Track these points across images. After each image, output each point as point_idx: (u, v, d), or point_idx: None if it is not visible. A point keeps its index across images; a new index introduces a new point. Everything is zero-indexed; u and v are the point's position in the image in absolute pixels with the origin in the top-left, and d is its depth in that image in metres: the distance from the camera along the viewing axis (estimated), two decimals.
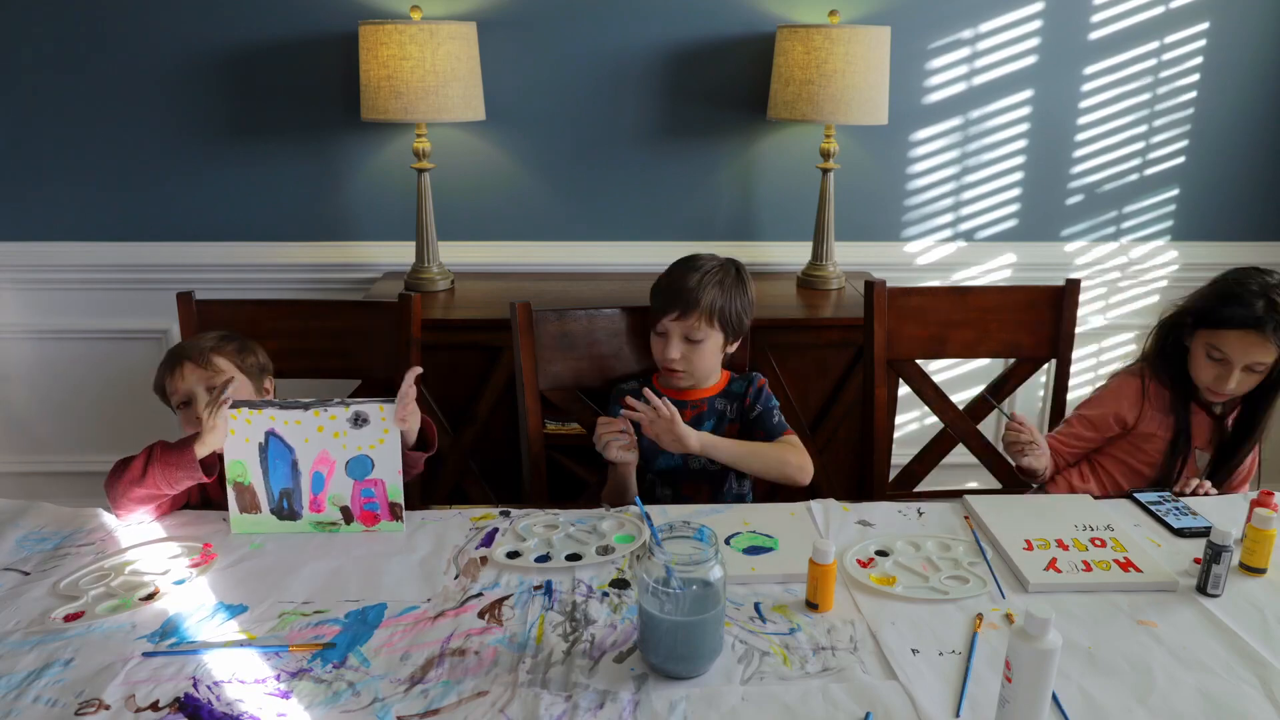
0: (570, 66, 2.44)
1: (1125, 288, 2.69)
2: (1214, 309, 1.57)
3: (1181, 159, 2.60)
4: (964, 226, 2.64)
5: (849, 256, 2.54)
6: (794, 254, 2.56)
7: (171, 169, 2.47)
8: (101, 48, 2.37)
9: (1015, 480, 1.87)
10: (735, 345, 1.71)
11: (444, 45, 2.15)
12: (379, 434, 1.37)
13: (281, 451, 1.38)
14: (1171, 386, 1.67)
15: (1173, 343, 1.67)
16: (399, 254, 2.51)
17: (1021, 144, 2.57)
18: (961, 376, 2.69)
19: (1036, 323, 1.91)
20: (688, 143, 2.52)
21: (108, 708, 1.00)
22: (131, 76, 2.39)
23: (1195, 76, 2.53)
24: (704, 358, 1.66)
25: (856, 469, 2.03)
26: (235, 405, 1.37)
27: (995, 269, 2.66)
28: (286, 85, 2.42)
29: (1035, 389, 2.73)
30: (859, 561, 1.31)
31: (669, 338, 1.64)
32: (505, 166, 2.52)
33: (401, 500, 1.39)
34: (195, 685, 1.04)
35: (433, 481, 2.21)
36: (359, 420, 1.37)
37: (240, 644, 1.12)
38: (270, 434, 1.37)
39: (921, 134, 2.54)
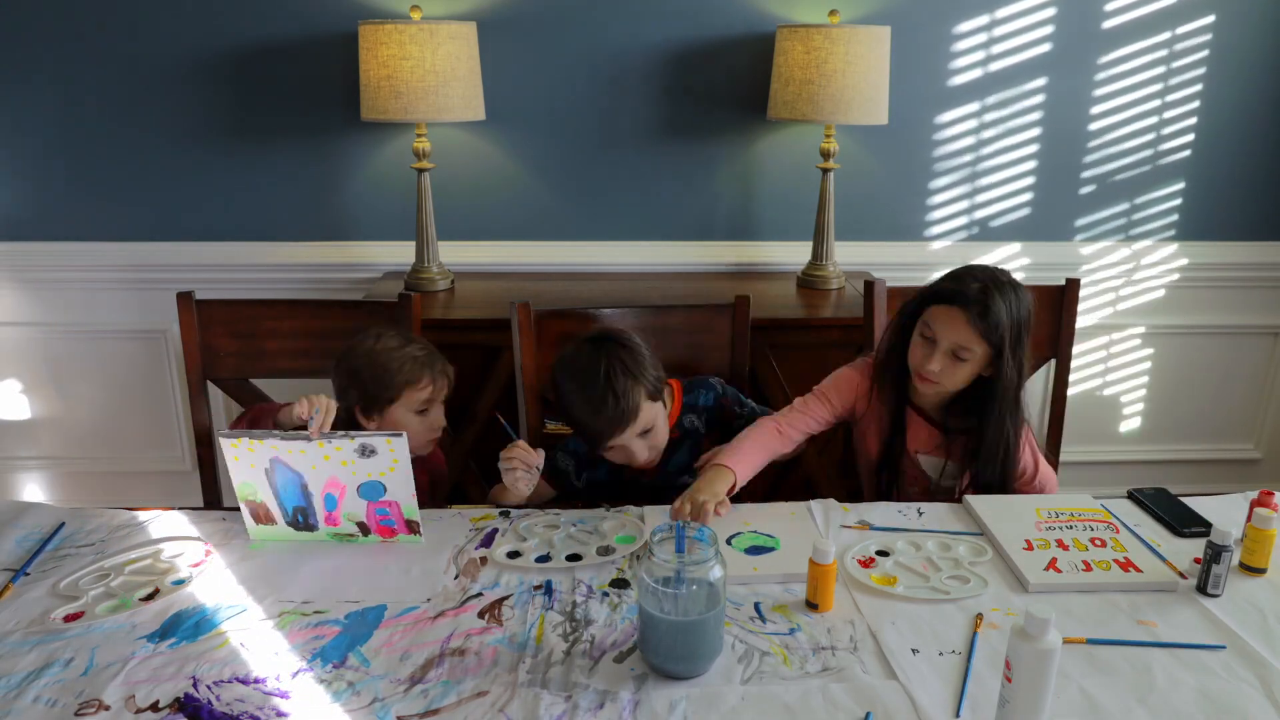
0: (570, 66, 2.44)
1: (1132, 286, 2.69)
2: (934, 286, 1.51)
3: (1187, 153, 2.59)
4: (966, 225, 2.64)
5: (849, 256, 2.54)
6: (794, 254, 2.56)
7: (171, 169, 2.47)
8: (101, 48, 2.37)
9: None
10: None
11: (444, 45, 2.15)
12: (388, 463, 1.31)
13: (289, 475, 1.32)
14: (893, 385, 1.60)
15: (902, 336, 1.57)
16: (399, 254, 2.51)
17: (1026, 136, 2.56)
18: None
19: (1036, 322, 1.90)
20: (688, 143, 2.52)
21: (108, 708, 1.00)
22: (131, 77, 2.39)
23: (1201, 70, 2.53)
24: (663, 431, 1.58)
25: (856, 469, 2.02)
26: (233, 436, 1.30)
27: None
28: (286, 85, 2.42)
29: (1035, 389, 2.73)
30: (859, 561, 1.31)
31: (628, 449, 1.54)
32: (505, 166, 2.52)
33: (418, 518, 1.35)
34: (195, 685, 1.04)
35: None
36: (366, 451, 1.31)
37: (240, 644, 1.12)
38: (275, 460, 1.32)
39: (922, 133, 2.54)
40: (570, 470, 1.65)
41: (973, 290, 1.45)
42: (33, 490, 2.77)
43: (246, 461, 1.32)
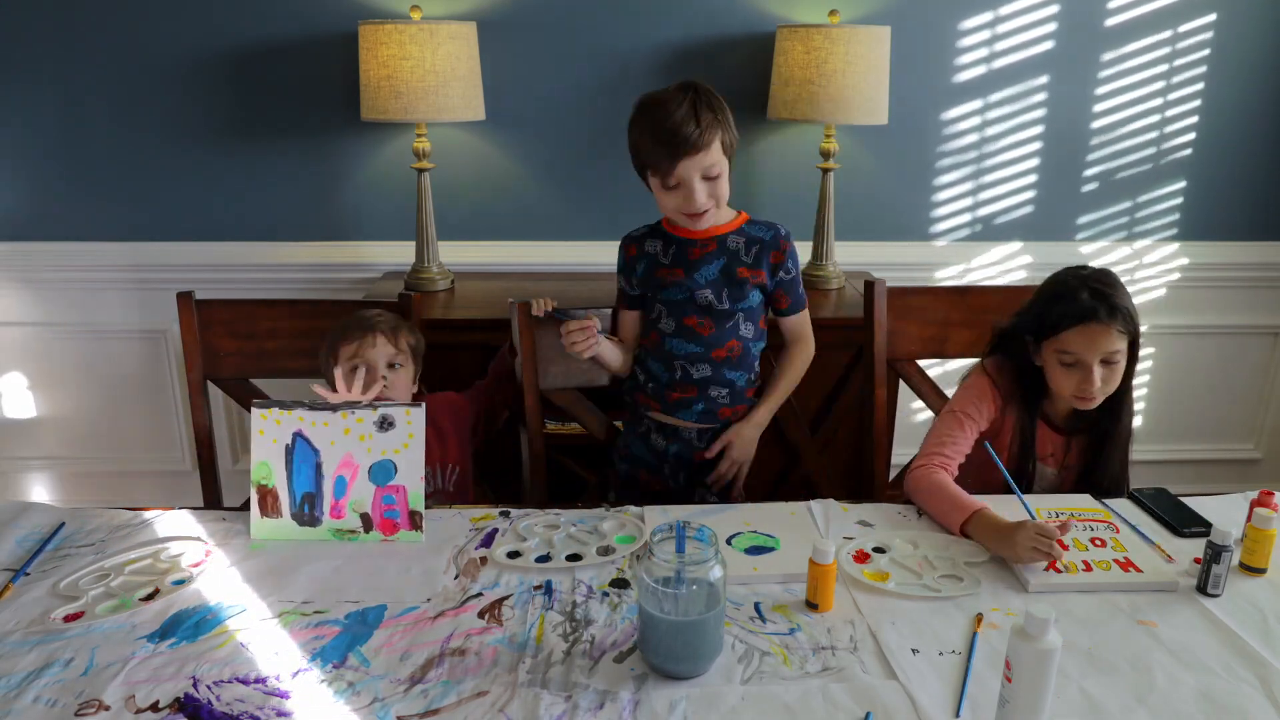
0: (570, 66, 2.44)
1: (1134, 285, 2.69)
2: (1044, 316, 1.49)
3: (1188, 151, 2.60)
4: (967, 225, 2.64)
5: (849, 256, 2.54)
6: None
7: (171, 169, 2.48)
8: (101, 48, 2.37)
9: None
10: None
11: (444, 45, 2.15)
12: (404, 438, 1.37)
13: (307, 454, 1.37)
14: (1019, 397, 1.57)
15: (1015, 354, 1.57)
16: (399, 254, 2.51)
17: (1028, 135, 2.56)
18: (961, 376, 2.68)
19: None
20: None
21: (108, 708, 1.00)
22: (131, 76, 2.39)
23: (1203, 69, 2.53)
24: (725, 188, 1.59)
25: (856, 469, 2.03)
26: (265, 406, 1.37)
27: (997, 268, 2.66)
28: (286, 85, 2.42)
29: None
30: (854, 556, 1.32)
31: (689, 184, 1.54)
32: (505, 166, 2.52)
33: (422, 509, 1.38)
34: (195, 685, 1.04)
35: None
36: (385, 424, 1.37)
37: (240, 643, 1.12)
38: (298, 435, 1.37)
39: (922, 133, 2.54)
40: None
41: (1086, 299, 1.44)
42: (33, 490, 2.77)
43: (271, 435, 1.37)
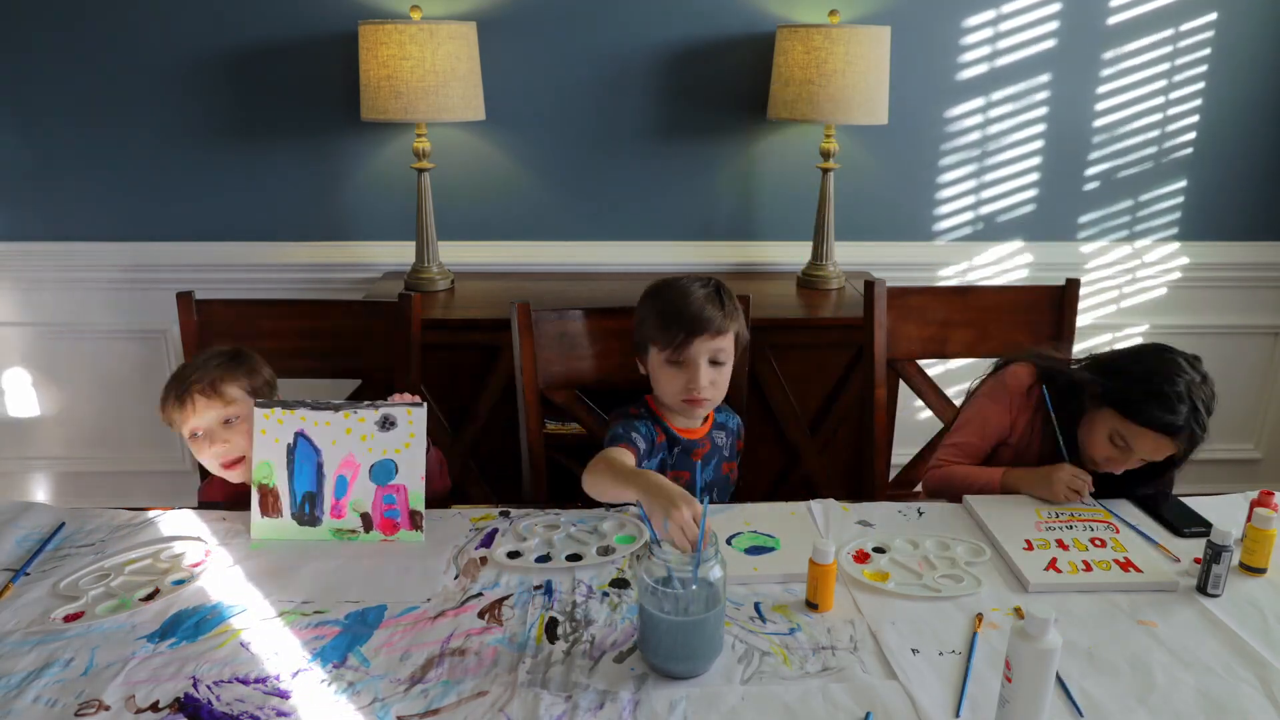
0: (570, 66, 2.44)
1: (1135, 285, 2.69)
2: (1134, 402, 1.43)
3: (1189, 150, 2.60)
4: (967, 224, 2.64)
5: (849, 256, 2.54)
6: (794, 254, 2.56)
7: (171, 169, 2.48)
8: (101, 48, 2.37)
9: None
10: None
11: (444, 45, 2.15)
12: (405, 437, 1.37)
13: (308, 454, 1.38)
14: (1053, 431, 1.53)
15: (1070, 394, 1.53)
16: (399, 254, 2.51)
17: (1029, 133, 2.56)
18: (961, 376, 2.68)
19: (1037, 323, 1.91)
20: (688, 143, 2.52)
21: (108, 708, 1.00)
22: (131, 77, 2.39)
23: (1204, 68, 2.53)
24: (726, 380, 1.55)
25: (856, 469, 2.03)
26: (269, 405, 1.37)
27: (998, 268, 2.66)
28: (286, 85, 2.42)
29: None
30: (853, 556, 1.32)
31: (695, 365, 1.49)
32: (505, 166, 2.52)
33: (422, 508, 1.38)
34: (195, 685, 1.04)
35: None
36: (386, 423, 1.37)
37: (240, 643, 1.12)
38: (299, 435, 1.37)
39: (922, 133, 2.54)
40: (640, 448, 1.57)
41: (1182, 416, 1.40)
42: (33, 490, 2.77)
43: (273, 435, 1.37)
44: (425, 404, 1.38)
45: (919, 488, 1.96)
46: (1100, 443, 1.48)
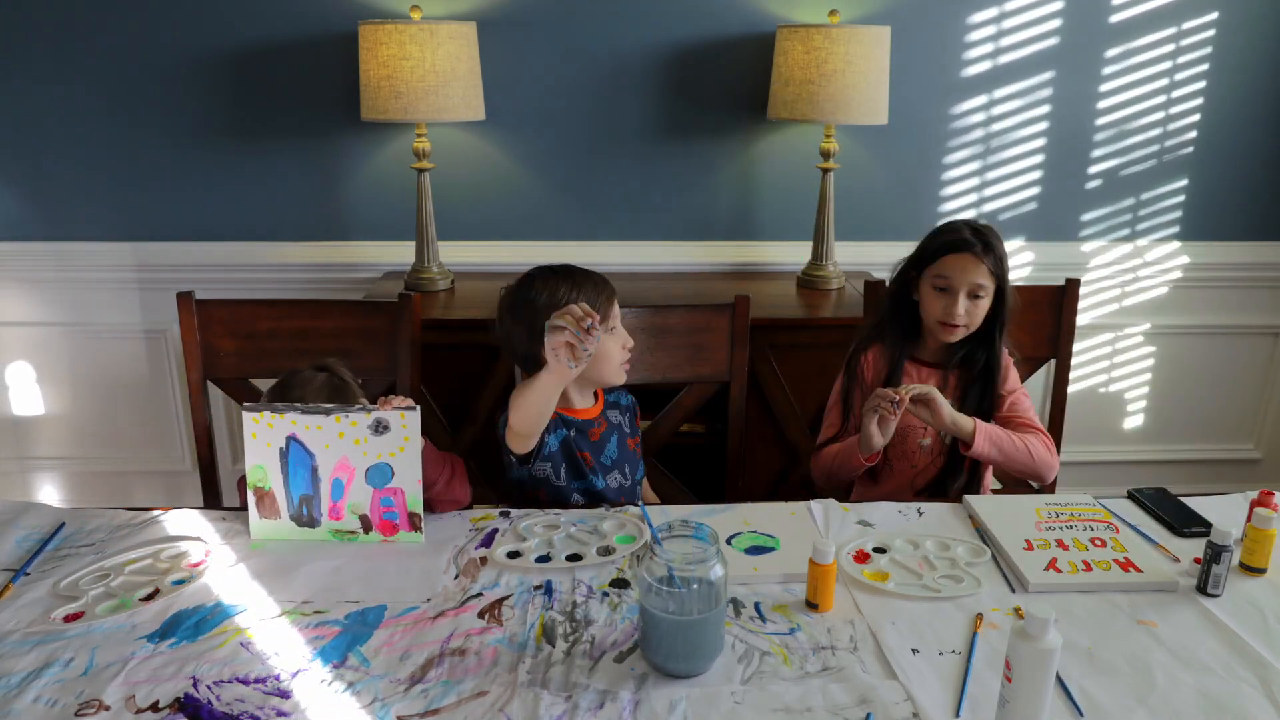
0: (570, 66, 2.44)
1: (1136, 284, 2.69)
2: (926, 247, 1.66)
3: (1190, 149, 2.59)
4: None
5: (849, 256, 2.54)
6: (794, 254, 2.56)
7: (172, 169, 2.48)
8: (101, 48, 2.37)
9: (1015, 481, 1.87)
10: None
11: (444, 45, 2.15)
12: (399, 441, 1.34)
13: (302, 457, 1.35)
14: (896, 342, 1.70)
15: (903, 301, 1.70)
16: (399, 254, 2.51)
17: (1030, 132, 2.56)
18: None
19: (1036, 322, 1.91)
20: (688, 143, 2.52)
21: (108, 708, 1.00)
22: (131, 76, 2.39)
23: (1205, 67, 2.53)
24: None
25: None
26: (257, 409, 1.35)
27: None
28: (286, 85, 2.42)
29: (1036, 388, 2.73)
30: (854, 556, 1.32)
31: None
32: (505, 166, 2.52)
33: (421, 510, 1.37)
34: (195, 685, 1.04)
35: None
36: (380, 427, 1.34)
37: (240, 643, 1.12)
38: (291, 439, 1.35)
39: (922, 133, 2.54)
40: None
41: (966, 233, 1.62)
42: (33, 490, 2.77)
43: (264, 439, 1.35)
44: (419, 408, 1.35)
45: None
46: (931, 301, 1.64)
